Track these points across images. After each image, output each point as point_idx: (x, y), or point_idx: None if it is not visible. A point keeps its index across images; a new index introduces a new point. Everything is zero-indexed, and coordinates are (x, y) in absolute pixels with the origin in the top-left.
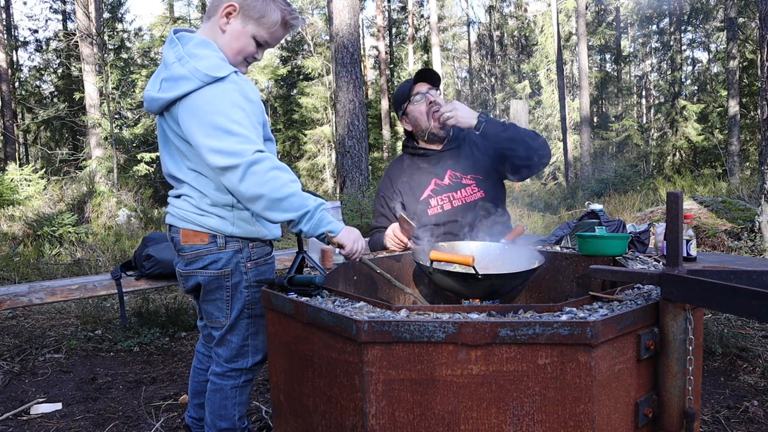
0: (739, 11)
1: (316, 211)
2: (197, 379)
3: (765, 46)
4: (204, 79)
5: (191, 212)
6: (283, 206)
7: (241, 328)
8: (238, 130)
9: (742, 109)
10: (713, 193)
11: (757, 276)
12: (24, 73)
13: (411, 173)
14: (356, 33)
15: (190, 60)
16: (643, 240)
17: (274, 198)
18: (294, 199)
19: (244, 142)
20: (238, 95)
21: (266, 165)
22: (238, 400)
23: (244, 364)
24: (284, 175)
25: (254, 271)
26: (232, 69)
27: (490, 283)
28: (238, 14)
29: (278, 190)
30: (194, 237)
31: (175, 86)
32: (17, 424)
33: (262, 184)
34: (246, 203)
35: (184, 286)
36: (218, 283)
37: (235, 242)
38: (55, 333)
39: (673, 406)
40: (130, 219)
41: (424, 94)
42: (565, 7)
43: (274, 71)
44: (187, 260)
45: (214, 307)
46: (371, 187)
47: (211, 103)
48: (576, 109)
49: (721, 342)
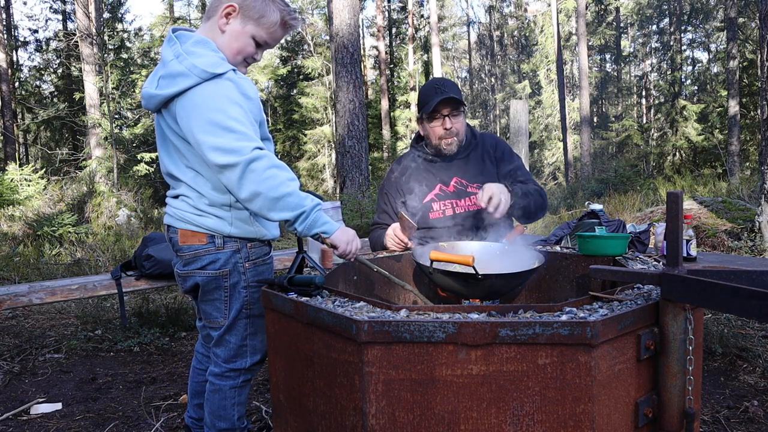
0: (739, 11)
1: (312, 211)
2: (197, 380)
3: (765, 46)
4: (201, 75)
5: (189, 212)
6: (279, 205)
7: (239, 328)
8: (237, 126)
9: (742, 109)
10: (713, 193)
11: (757, 276)
12: (24, 73)
13: (417, 175)
14: (356, 33)
15: (187, 57)
16: (643, 240)
17: (271, 197)
18: (291, 198)
19: (242, 139)
20: (235, 92)
21: (265, 163)
22: (237, 400)
23: (243, 364)
24: (282, 173)
25: (252, 271)
26: (230, 67)
27: (490, 283)
28: (238, 14)
29: (276, 188)
30: (192, 237)
31: (173, 83)
32: (17, 424)
33: (260, 182)
34: (243, 202)
35: (183, 287)
36: (216, 283)
37: (233, 242)
38: (55, 333)
39: (673, 406)
40: (130, 219)
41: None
42: (565, 7)
43: (274, 71)
44: (185, 261)
45: (213, 307)
46: (371, 187)
47: (209, 99)
48: (576, 109)
49: (721, 342)
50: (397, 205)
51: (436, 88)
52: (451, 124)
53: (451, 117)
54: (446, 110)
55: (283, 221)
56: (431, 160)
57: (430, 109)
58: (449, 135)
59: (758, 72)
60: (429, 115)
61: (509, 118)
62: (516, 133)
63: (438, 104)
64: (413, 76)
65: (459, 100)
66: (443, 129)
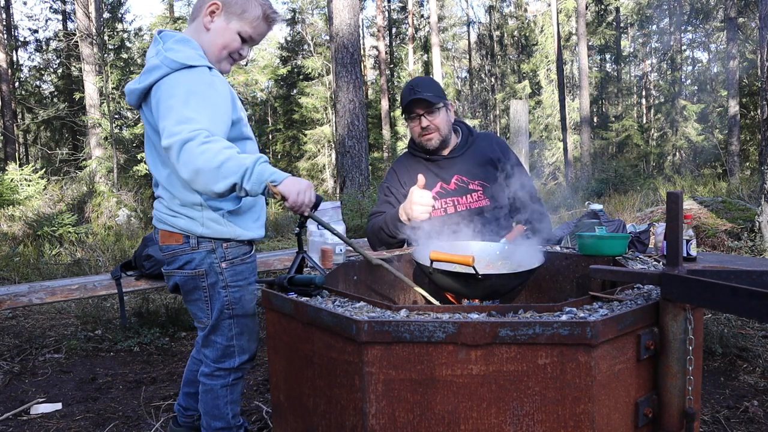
0: (739, 11)
1: (255, 165)
2: (191, 368)
3: (765, 46)
4: (172, 65)
5: (165, 213)
6: (222, 173)
7: (223, 328)
8: (185, 112)
9: (742, 109)
10: (713, 193)
11: (757, 276)
12: (24, 73)
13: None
14: (356, 33)
15: (165, 53)
16: (643, 240)
17: (210, 168)
18: (230, 162)
19: (183, 122)
20: (201, 84)
21: (198, 140)
22: (229, 399)
23: (232, 363)
24: (215, 145)
25: (230, 271)
26: (206, 63)
27: (490, 283)
28: (221, 12)
29: (213, 159)
30: (170, 238)
31: (149, 76)
32: (17, 424)
33: (195, 157)
34: (190, 183)
35: (168, 286)
36: (194, 283)
37: (207, 242)
38: (55, 333)
39: (673, 406)
40: (130, 219)
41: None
42: (565, 7)
43: (274, 71)
44: (166, 260)
45: (196, 307)
46: (371, 187)
47: (171, 87)
48: (576, 109)
49: (721, 342)
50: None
51: (411, 88)
52: (427, 122)
53: (427, 115)
54: (420, 110)
55: (230, 189)
56: (430, 159)
57: (402, 109)
58: (426, 132)
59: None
60: (406, 115)
61: (509, 118)
62: (516, 133)
63: (409, 104)
64: (413, 76)
65: (429, 100)
66: (420, 128)
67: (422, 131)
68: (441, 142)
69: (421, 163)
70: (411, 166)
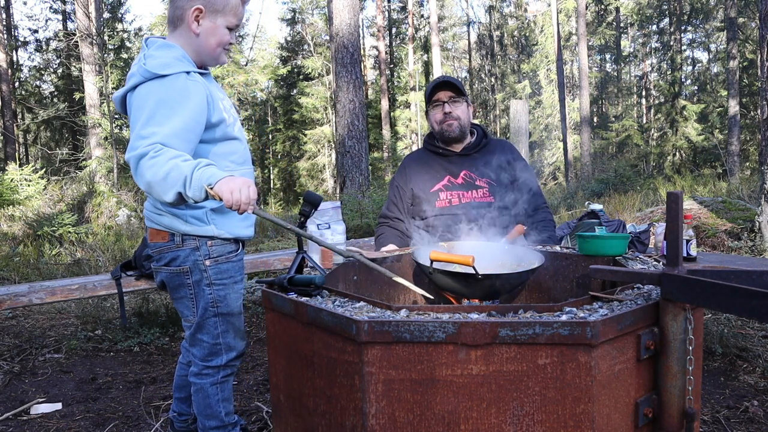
0: (739, 11)
1: (194, 171)
2: (180, 374)
3: (765, 46)
4: (145, 75)
5: (152, 212)
6: (168, 183)
7: (209, 327)
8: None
9: (742, 109)
10: (713, 193)
11: (757, 276)
12: (24, 73)
13: (427, 167)
14: (356, 33)
15: (144, 60)
16: (643, 240)
17: (158, 180)
18: (173, 172)
19: (142, 138)
20: (172, 92)
21: (149, 155)
22: (220, 397)
23: (219, 361)
24: (162, 157)
25: (214, 269)
26: (181, 69)
27: (490, 283)
28: (205, 14)
29: (158, 171)
30: (157, 235)
31: (127, 83)
32: (17, 424)
33: (145, 171)
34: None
35: (156, 283)
36: (179, 280)
37: (191, 240)
38: (55, 333)
39: (673, 406)
40: (130, 219)
41: (442, 103)
42: (565, 7)
43: (274, 71)
44: (154, 258)
45: (182, 305)
46: (371, 187)
47: (142, 97)
48: (576, 109)
49: (721, 342)
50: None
51: (439, 78)
52: (450, 109)
53: (450, 103)
54: (444, 96)
55: (178, 198)
56: (442, 153)
57: (428, 94)
58: (448, 118)
59: (758, 72)
60: (430, 102)
61: (509, 118)
62: (516, 133)
63: (437, 86)
64: (413, 76)
65: (456, 85)
66: (442, 114)
67: (444, 117)
68: (460, 133)
69: (433, 158)
70: (421, 160)
